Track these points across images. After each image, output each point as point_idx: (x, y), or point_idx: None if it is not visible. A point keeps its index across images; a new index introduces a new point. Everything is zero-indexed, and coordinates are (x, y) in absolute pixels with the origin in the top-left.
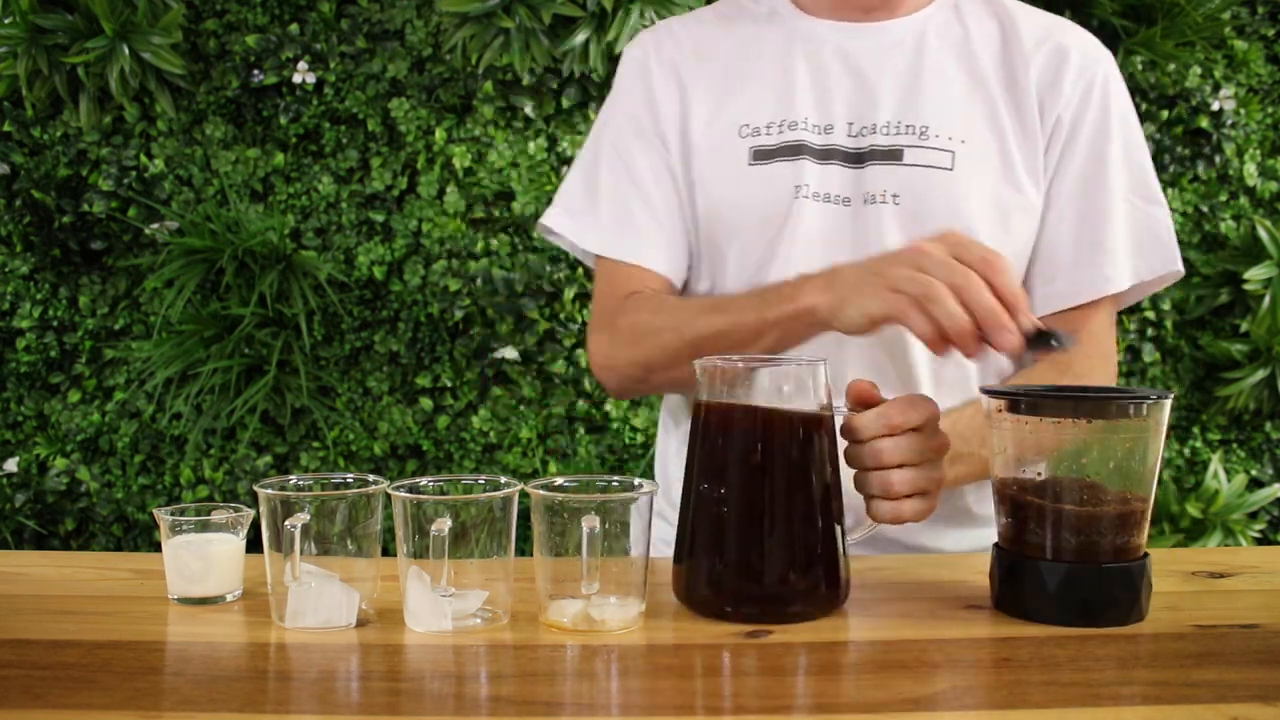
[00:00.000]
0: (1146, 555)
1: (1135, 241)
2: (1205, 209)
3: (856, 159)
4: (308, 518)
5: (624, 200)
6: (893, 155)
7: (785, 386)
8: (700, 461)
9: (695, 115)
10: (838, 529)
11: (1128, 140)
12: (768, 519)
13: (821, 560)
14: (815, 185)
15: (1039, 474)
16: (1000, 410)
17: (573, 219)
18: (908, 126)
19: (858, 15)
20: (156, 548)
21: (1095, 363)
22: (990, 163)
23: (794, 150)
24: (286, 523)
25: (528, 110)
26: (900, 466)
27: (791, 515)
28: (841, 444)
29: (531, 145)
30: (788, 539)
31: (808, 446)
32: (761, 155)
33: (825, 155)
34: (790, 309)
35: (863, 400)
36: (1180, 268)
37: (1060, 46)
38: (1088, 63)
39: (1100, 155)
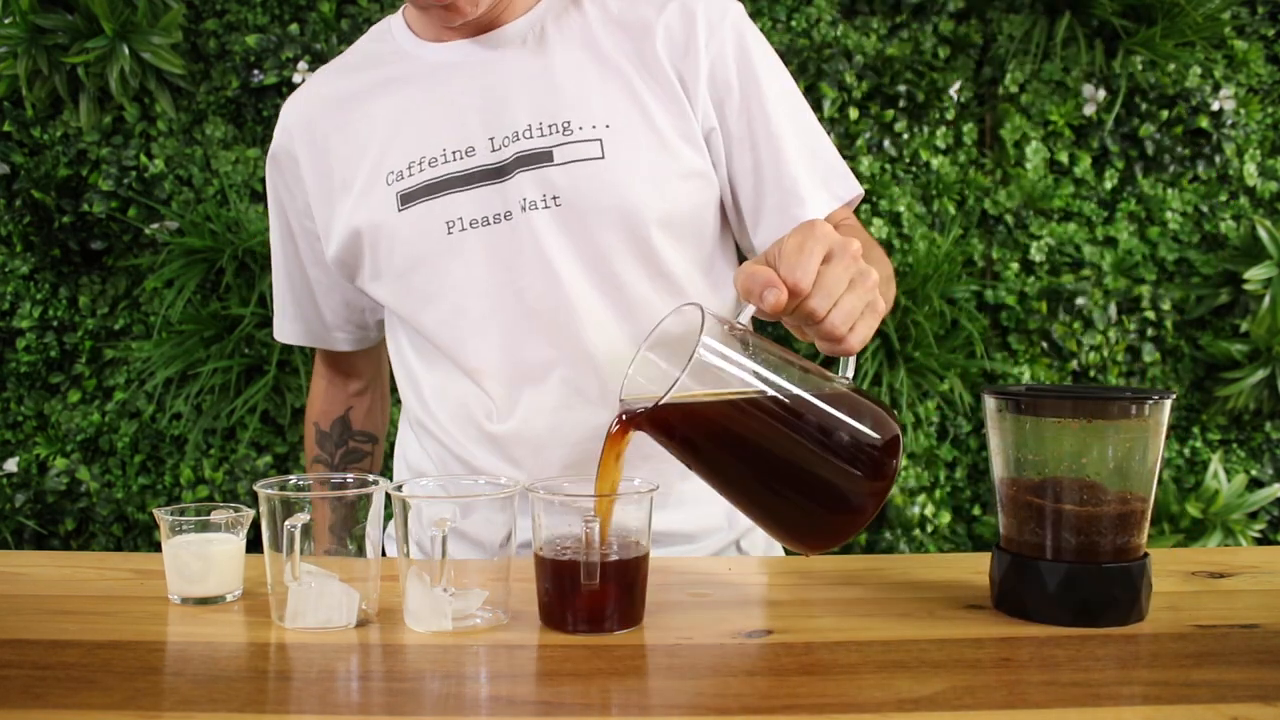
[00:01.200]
0: (1146, 555)
1: (818, 177)
2: (1205, 209)
3: (502, 172)
4: (308, 518)
5: (280, 289)
6: (542, 158)
7: (710, 369)
8: (718, 463)
9: (358, 176)
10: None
11: (776, 81)
12: (801, 461)
13: (861, 445)
14: (469, 214)
15: (1039, 474)
16: (1000, 410)
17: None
18: (550, 126)
19: (469, 34)
20: (156, 548)
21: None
22: (639, 139)
23: (436, 187)
24: (286, 523)
25: None
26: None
27: (817, 441)
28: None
29: None
30: (831, 463)
31: (778, 387)
32: (407, 199)
33: (470, 180)
34: None
35: (758, 281)
36: (861, 190)
37: (685, 9)
38: (715, 18)
39: (759, 105)
